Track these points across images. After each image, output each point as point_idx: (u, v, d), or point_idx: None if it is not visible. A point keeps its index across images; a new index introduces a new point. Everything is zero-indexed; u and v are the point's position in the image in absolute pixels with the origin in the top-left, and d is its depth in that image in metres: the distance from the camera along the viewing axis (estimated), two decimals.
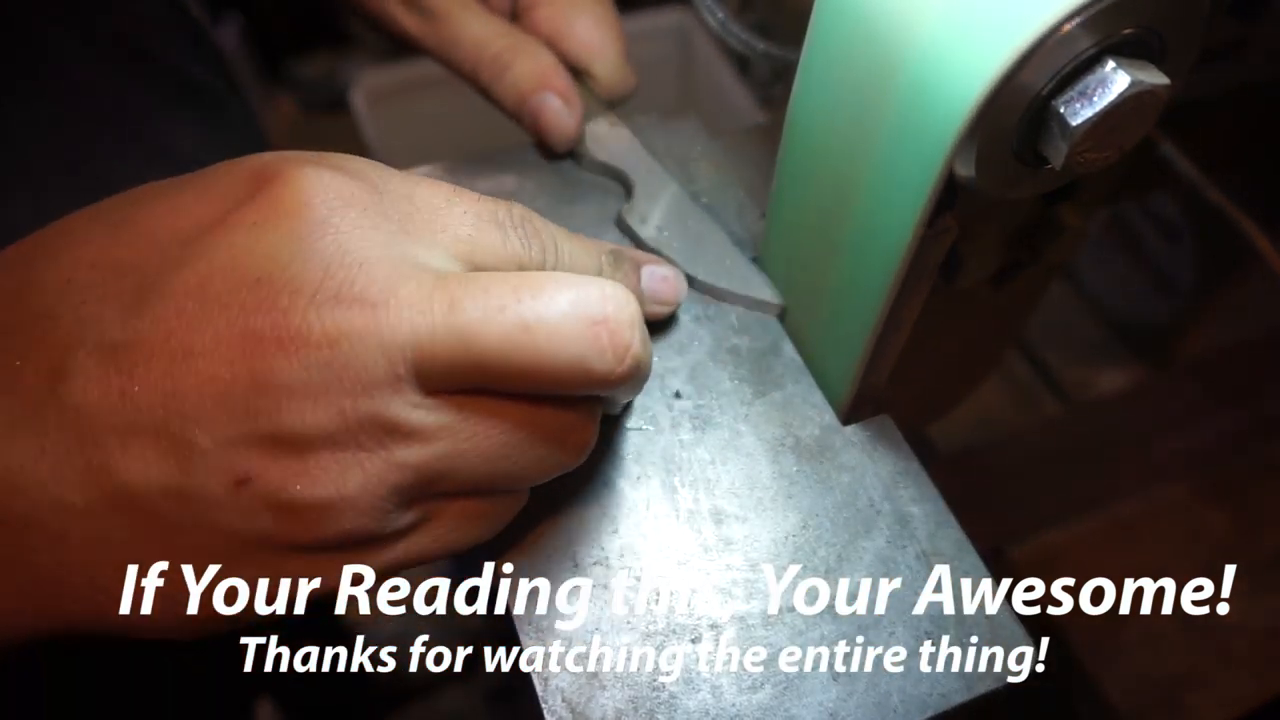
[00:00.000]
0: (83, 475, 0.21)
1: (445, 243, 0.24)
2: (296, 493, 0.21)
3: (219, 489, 0.21)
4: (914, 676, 0.27)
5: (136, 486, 0.21)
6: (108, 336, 0.21)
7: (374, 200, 0.23)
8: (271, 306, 0.21)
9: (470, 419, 0.23)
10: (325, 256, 0.22)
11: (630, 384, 0.24)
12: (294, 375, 0.21)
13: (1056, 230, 0.34)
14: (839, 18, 0.26)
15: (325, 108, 1.66)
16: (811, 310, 0.34)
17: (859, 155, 0.27)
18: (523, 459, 0.24)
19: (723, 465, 0.32)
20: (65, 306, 0.22)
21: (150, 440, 0.21)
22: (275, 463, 0.21)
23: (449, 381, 0.23)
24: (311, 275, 0.21)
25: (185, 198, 0.23)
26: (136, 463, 0.21)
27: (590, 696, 0.27)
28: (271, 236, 0.22)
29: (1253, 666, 0.47)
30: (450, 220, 0.25)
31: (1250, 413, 0.56)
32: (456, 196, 0.25)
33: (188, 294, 0.21)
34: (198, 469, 0.21)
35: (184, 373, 0.21)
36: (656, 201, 0.38)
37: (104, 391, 0.21)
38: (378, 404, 0.21)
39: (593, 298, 0.23)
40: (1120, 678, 0.47)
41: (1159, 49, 0.23)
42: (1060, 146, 0.23)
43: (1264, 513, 0.52)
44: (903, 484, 0.32)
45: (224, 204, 0.23)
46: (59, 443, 0.21)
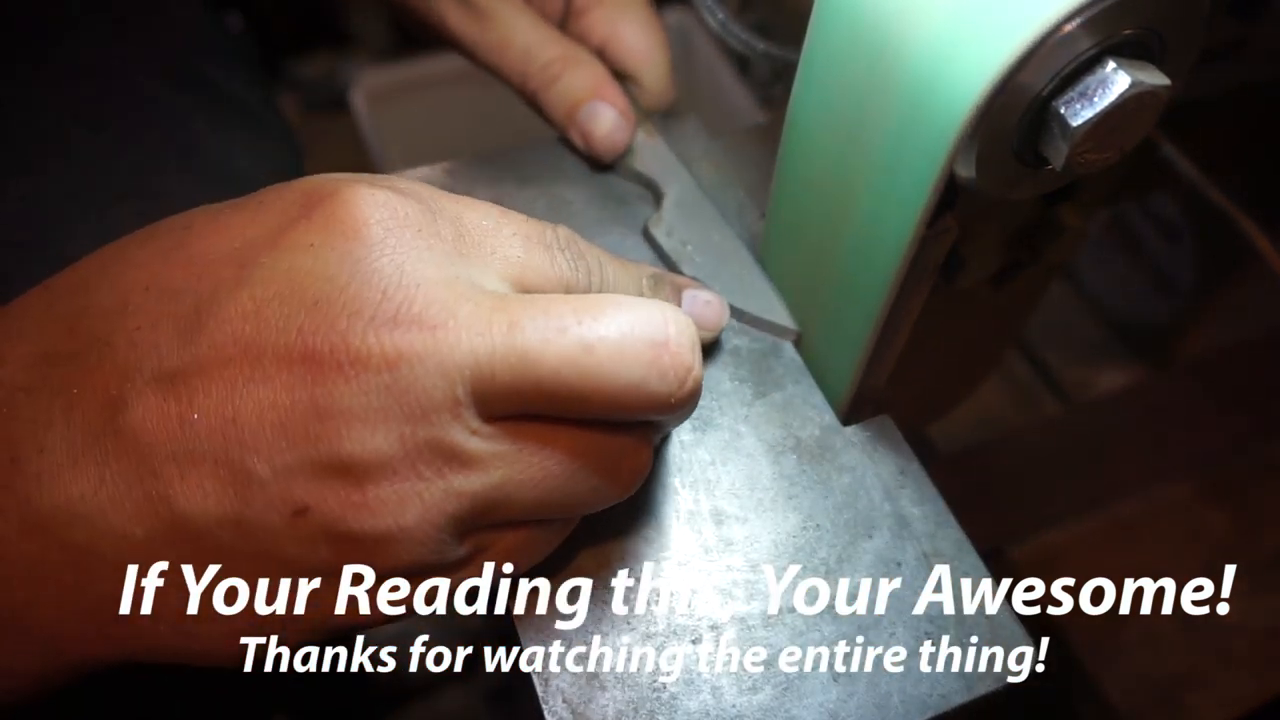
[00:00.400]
0: (142, 506, 0.21)
1: (496, 264, 0.24)
2: (355, 524, 0.21)
3: (277, 519, 0.21)
4: (914, 677, 0.27)
5: (195, 517, 0.21)
6: (165, 363, 0.21)
7: (428, 221, 0.23)
8: (330, 329, 0.21)
9: (527, 447, 0.23)
10: (383, 277, 0.21)
11: (687, 409, 0.24)
12: (353, 400, 0.21)
13: (1057, 230, 0.34)
14: (839, 18, 0.26)
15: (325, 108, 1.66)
16: (811, 310, 0.34)
17: (859, 155, 0.27)
18: (578, 488, 0.24)
19: (723, 466, 0.32)
20: (120, 332, 0.22)
21: (209, 469, 0.21)
22: (333, 492, 0.21)
23: (507, 405, 0.22)
24: (370, 296, 0.21)
25: (238, 219, 0.23)
26: (195, 492, 0.21)
27: (590, 697, 0.27)
28: (329, 257, 0.21)
29: (1253, 666, 0.47)
30: (500, 242, 0.25)
31: (1250, 413, 0.56)
32: (504, 219, 0.25)
33: (244, 318, 0.21)
34: (256, 499, 0.21)
35: (243, 399, 0.21)
36: (684, 214, 0.38)
37: (162, 420, 0.21)
38: (437, 430, 0.21)
39: (655, 320, 0.23)
40: (1120, 678, 0.47)
41: (1159, 49, 0.23)
42: (1060, 147, 0.23)
43: (1264, 513, 0.52)
44: (903, 484, 0.32)
45: (277, 225, 0.22)
46: (119, 473, 0.21)
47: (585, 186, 0.40)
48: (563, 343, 0.22)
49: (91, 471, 0.21)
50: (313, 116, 1.69)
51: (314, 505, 0.21)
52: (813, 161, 0.30)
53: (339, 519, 0.21)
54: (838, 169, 0.29)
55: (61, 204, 0.35)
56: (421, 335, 0.21)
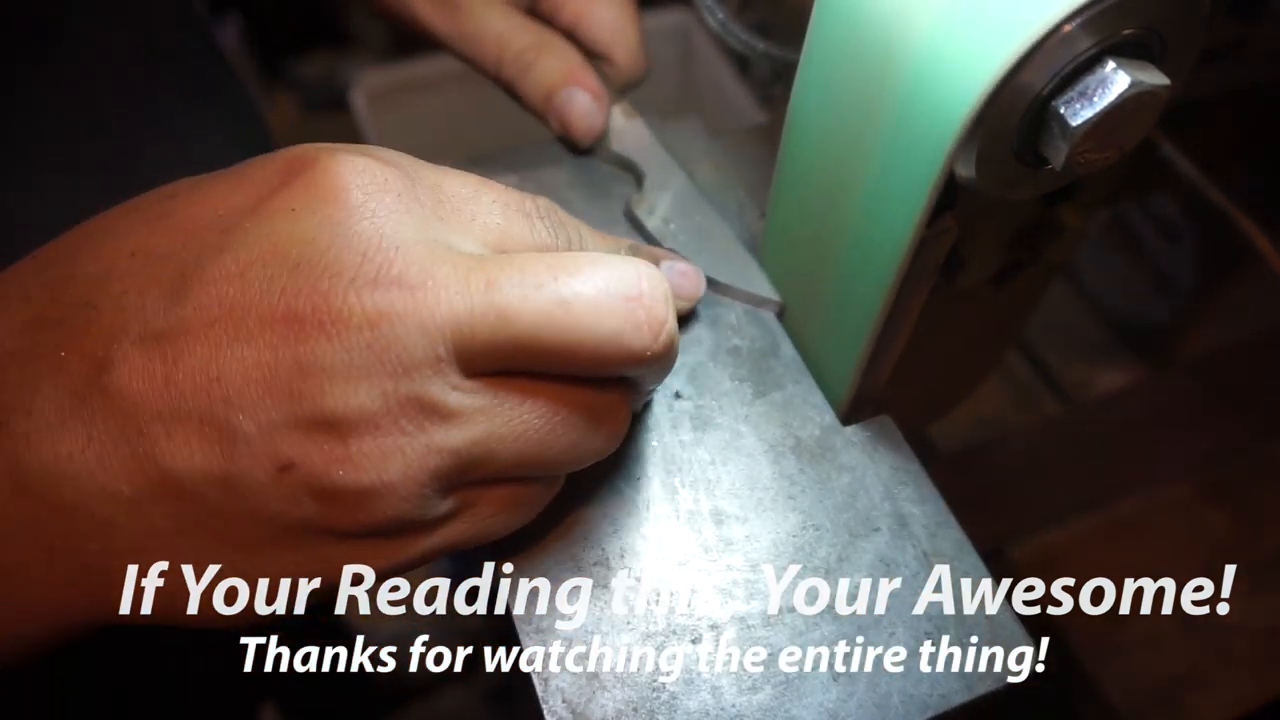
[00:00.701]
0: (129, 464, 0.21)
1: (476, 230, 0.25)
2: (339, 478, 0.21)
3: (263, 475, 0.21)
4: (914, 677, 0.27)
5: (181, 474, 0.21)
6: (150, 325, 0.22)
7: (407, 186, 0.24)
8: (312, 290, 0.21)
9: (508, 401, 0.23)
10: (363, 240, 0.22)
11: (663, 363, 0.25)
12: (336, 357, 0.21)
13: (1057, 230, 0.34)
14: (839, 18, 0.26)
15: (325, 108, 1.66)
16: (811, 310, 0.34)
17: (859, 155, 0.27)
18: (559, 442, 0.24)
19: (723, 466, 0.32)
20: (106, 296, 0.22)
21: (194, 427, 0.21)
22: (318, 448, 0.21)
23: (488, 362, 0.23)
24: (350, 258, 0.21)
25: (221, 187, 0.24)
26: (181, 450, 0.21)
27: (590, 697, 0.27)
28: (310, 221, 0.22)
29: (1253, 666, 0.47)
30: (479, 209, 0.25)
31: (1250, 413, 0.56)
32: (484, 187, 0.26)
33: (228, 280, 0.21)
34: (241, 455, 0.21)
35: (227, 358, 0.21)
36: (665, 193, 0.38)
37: (148, 379, 0.21)
38: (418, 385, 0.22)
39: (628, 275, 0.23)
40: (1120, 678, 0.47)
41: (1159, 49, 0.23)
42: (1060, 147, 0.23)
43: (1264, 513, 0.52)
44: (903, 484, 0.32)
45: (260, 191, 0.23)
46: (105, 431, 0.21)
47: (585, 187, 0.40)
48: (539, 298, 0.22)
49: (79, 431, 0.21)
50: (313, 116, 1.69)
51: (299, 460, 0.21)
52: (812, 161, 0.30)
53: (323, 473, 0.21)
54: (837, 169, 0.29)
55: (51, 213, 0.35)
56: (401, 295, 0.21)
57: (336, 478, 0.21)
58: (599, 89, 0.39)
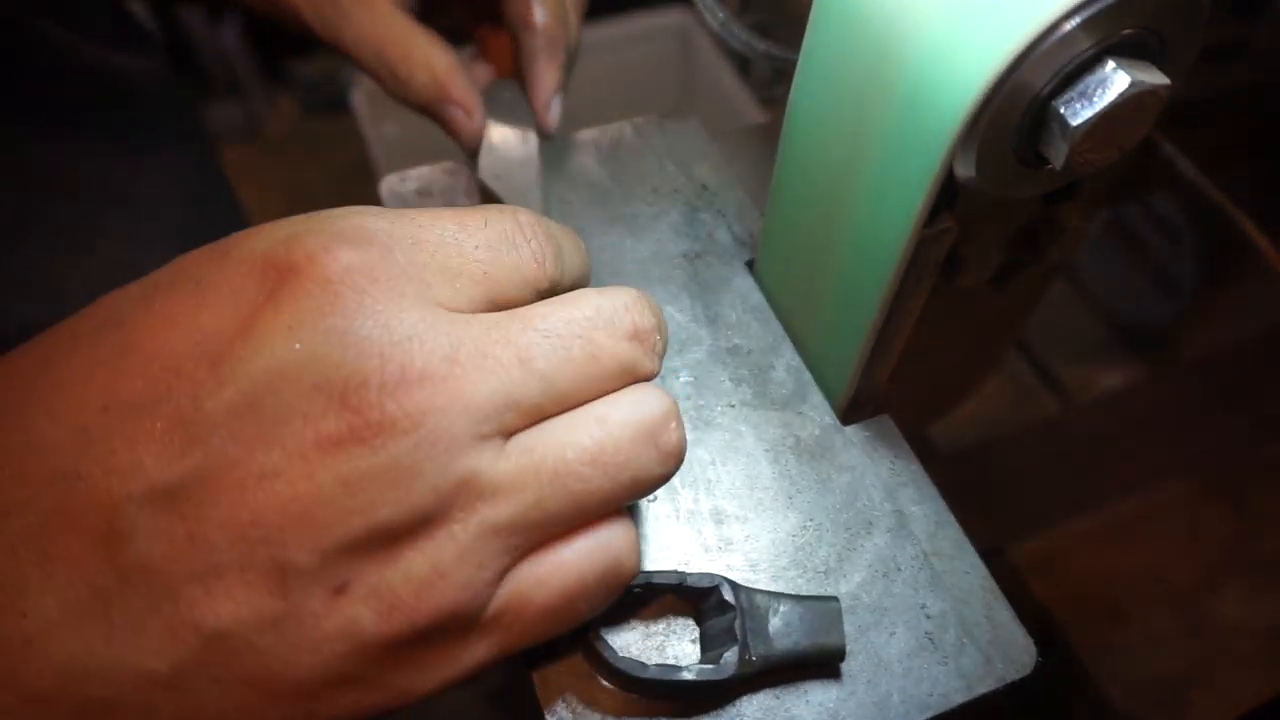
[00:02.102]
0: (164, 638, 0.20)
1: (464, 284, 0.23)
2: (393, 577, 0.20)
3: (319, 603, 0.20)
4: (914, 676, 0.27)
5: (228, 629, 0.20)
6: (157, 483, 0.20)
7: (390, 262, 0.22)
8: (341, 407, 0.20)
9: (549, 452, 0.22)
10: (374, 343, 0.21)
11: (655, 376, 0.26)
12: (385, 465, 0.20)
13: (1057, 230, 0.34)
14: (838, 17, 0.26)
15: (325, 108, 1.66)
16: (811, 310, 0.34)
17: (858, 155, 0.27)
18: (611, 474, 0.23)
19: (723, 465, 0.32)
20: (90, 461, 0.20)
21: (236, 576, 0.20)
22: (371, 558, 0.20)
23: (527, 423, 0.22)
24: (370, 365, 0.20)
25: (182, 308, 0.21)
26: (225, 604, 0.20)
27: (590, 697, 0.27)
28: (313, 337, 0.20)
29: (1253, 666, 0.47)
30: (464, 260, 0.24)
31: (1250, 413, 0.56)
32: (461, 225, 0.24)
33: (239, 417, 0.20)
34: (295, 589, 0.20)
35: (260, 499, 0.20)
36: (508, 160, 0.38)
37: (171, 541, 0.19)
38: (466, 468, 0.21)
39: (621, 312, 0.24)
40: (1120, 678, 0.47)
41: (1159, 49, 0.23)
42: (1060, 147, 0.23)
43: (1264, 513, 0.52)
44: (903, 484, 0.32)
45: (239, 310, 0.21)
46: (130, 613, 0.19)
47: (585, 187, 0.40)
48: (575, 358, 0.23)
49: (98, 620, 0.19)
50: (313, 117, 1.69)
51: (354, 577, 0.20)
52: (812, 161, 0.30)
53: (379, 579, 0.20)
54: (837, 168, 0.29)
55: None
56: (435, 388, 0.21)
57: (390, 577, 0.20)
58: (468, 98, 0.38)
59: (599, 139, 0.42)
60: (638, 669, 0.26)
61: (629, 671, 0.26)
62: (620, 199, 0.39)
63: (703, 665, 0.26)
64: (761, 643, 0.26)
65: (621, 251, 0.37)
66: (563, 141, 0.41)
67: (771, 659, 0.26)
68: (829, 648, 0.27)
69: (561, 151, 0.41)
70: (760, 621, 0.27)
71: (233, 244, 0.22)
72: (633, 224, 0.38)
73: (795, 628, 0.27)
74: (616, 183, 0.40)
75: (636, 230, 0.38)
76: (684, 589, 0.27)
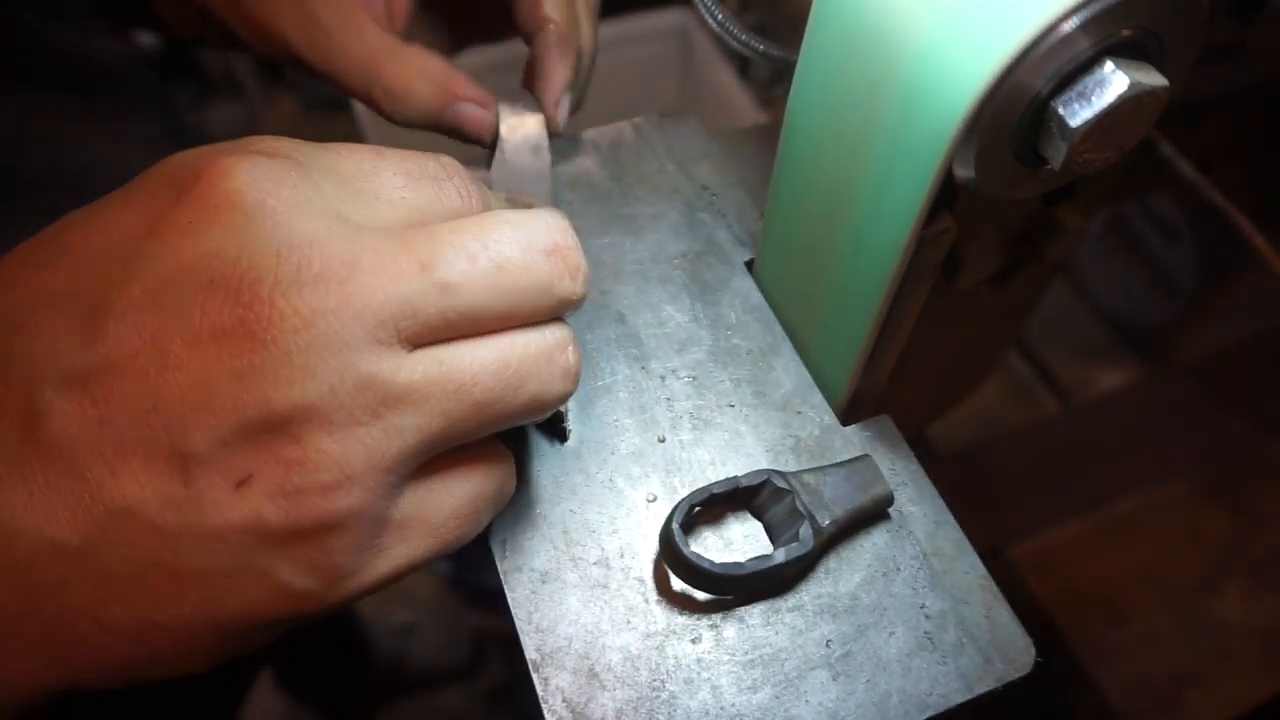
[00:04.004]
0: (75, 511, 0.21)
1: (381, 208, 0.24)
2: (300, 480, 0.21)
3: (221, 493, 0.21)
4: (914, 676, 0.27)
5: (133, 507, 0.21)
6: (70, 367, 0.21)
7: (301, 176, 0.23)
8: (234, 302, 0.21)
9: (456, 364, 0.23)
10: (272, 241, 0.21)
11: (581, 303, 0.26)
12: (276, 359, 0.21)
13: (1056, 230, 0.34)
14: (837, 18, 0.26)
15: (325, 107, 1.66)
16: (811, 310, 0.34)
17: (857, 155, 0.27)
18: (518, 393, 0.24)
19: (723, 466, 0.32)
20: (17, 345, 0.21)
21: (141, 459, 0.21)
22: (274, 455, 0.21)
23: (431, 335, 0.23)
24: (265, 263, 0.21)
25: (109, 214, 0.23)
26: (130, 485, 0.21)
27: (590, 696, 0.27)
28: (211, 233, 0.21)
29: (1253, 667, 0.47)
30: (382, 185, 0.24)
31: (1250, 413, 0.56)
32: (382, 159, 0.25)
33: (140, 308, 0.21)
34: (197, 475, 0.21)
35: (161, 386, 0.20)
36: None
37: (81, 422, 0.21)
38: (364, 373, 0.21)
39: (539, 229, 0.24)
40: (1120, 678, 0.47)
41: (1158, 50, 0.23)
42: (1059, 147, 0.23)
43: (1264, 513, 0.53)
44: (902, 484, 0.32)
45: (150, 211, 0.22)
46: (46, 483, 0.21)
47: (585, 187, 0.40)
48: (478, 268, 0.23)
49: (19, 487, 0.21)
50: (312, 116, 1.69)
51: (256, 471, 0.21)
52: (811, 161, 0.30)
53: (284, 478, 0.21)
54: (836, 169, 0.29)
55: None
56: (330, 290, 0.21)
57: (298, 479, 0.21)
58: (477, 91, 0.38)
59: (599, 139, 0.42)
60: (734, 569, 0.27)
61: (728, 573, 0.27)
62: (620, 199, 0.39)
63: (788, 545, 0.28)
64: (824, 511, 0.29)
65: (621, 251, 0.37)
66: (563, 142, 0.41)
67: (840, 521, 0.29)
68: (881, 497, 0.30)
69: (562, 151, 0.41)
70: (815, 495, 0.29)
71: (165, 161, 0.24)
72: (632, 224, 0.38)
73: (847, 490, 0.30)
74: (616, 183, 0.40)
75: (636, 230, 0.38)
76: (739, 491, 0.29)
